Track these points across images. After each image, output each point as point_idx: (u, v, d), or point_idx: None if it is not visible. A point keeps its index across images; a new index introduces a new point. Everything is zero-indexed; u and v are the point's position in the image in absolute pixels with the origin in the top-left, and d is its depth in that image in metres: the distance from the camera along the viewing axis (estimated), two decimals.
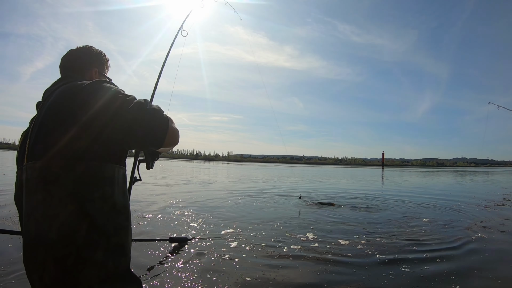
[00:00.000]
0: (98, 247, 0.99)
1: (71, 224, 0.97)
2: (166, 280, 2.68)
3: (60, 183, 0.99)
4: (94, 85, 1.12)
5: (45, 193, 0.99)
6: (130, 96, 1.11)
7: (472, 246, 3.90)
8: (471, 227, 5.00)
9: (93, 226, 0.99)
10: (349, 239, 4.13)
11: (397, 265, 3.16)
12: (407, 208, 7.11)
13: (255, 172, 23.49)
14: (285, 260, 3.28)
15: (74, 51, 1.38)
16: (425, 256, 3.45)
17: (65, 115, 1.05)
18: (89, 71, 1.36)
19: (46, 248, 0.97)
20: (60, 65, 1.36)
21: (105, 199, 1.03)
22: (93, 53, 1.41)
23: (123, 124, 1.03)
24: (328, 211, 6.45)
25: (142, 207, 6.10)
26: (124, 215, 1.10)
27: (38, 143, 1.06)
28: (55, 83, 1.26)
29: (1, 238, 3.45)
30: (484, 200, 8.72)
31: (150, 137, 1.06)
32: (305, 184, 14.05)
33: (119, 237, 1.06)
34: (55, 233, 0.96)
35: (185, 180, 14.18)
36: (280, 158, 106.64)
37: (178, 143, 1.19)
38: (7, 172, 13.06)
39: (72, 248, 0.96)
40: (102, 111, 1.04)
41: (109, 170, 1.06)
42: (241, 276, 2.80)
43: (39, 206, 0.99)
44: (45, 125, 1.07)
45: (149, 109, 1.06)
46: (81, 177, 1.00)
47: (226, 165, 46.00)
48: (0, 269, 2.74)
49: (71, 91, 1.10)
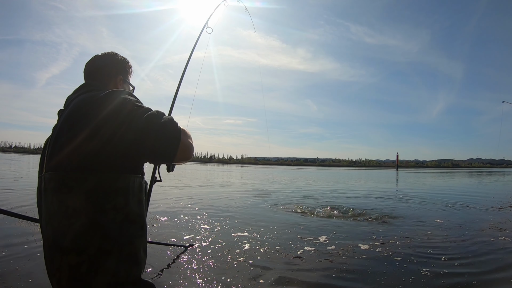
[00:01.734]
0: (110, 256, 1.01)
1: (84, 234, 1.00)
2: (180, 281, 2.70)
3: (73, 195, 1.01)
4: (110, 96, 1.12)
5: (60, 204, 1.02)
6: (144, 108, 1.10)
7: (491, 248, 3.77)
8: (489, 229, 4.84)
9: (105, 236, 1.01)
10: (365, 242, 4.06)
11: (417, 269, 3.08)
12: (427, 210, 6.94)
13: (276, 175, 23.37)
14: (300, 262, 3.25)
15: (100, 58, 1.39)
16: (443, 259, 3.36)
17: (79, 127, 1.06)
18: (114, 79, 1.37)
19: (61, 255, 1.01)
20: (84, 71, 1.36)
21: (117, 210, 1.04)
22: (119, 61, 1.42)
23: (135, 138, 1.04)
24: (346, 213, 6.37)
25: (158, 209, 6.18)
26: (138, 225, 1.09)
27: (54, 154, 1.09)
28: (77, 91, 1.27)
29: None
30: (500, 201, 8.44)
31: (161, 152, 1.06)
32: (329, 187, 13.91)
33: (132, 246, 1.07)
34: (70, 242, 1.00)
35: (202, 182, 14.26)
36: (294, 161, 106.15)
37: (190, 158, 1.15)
38: (24, 176, 13.41)
39: (85, 256, 0.99)
40: (116, 123, 1.04)
41: (123, 181, 1.06)
42: (254, 278, 2.79)
43: (55, 215, 1.03)
44: (61, 136, 1.10)
45: (160, 123, 1.05)
46: (93, 189, 1.01)
47: (240, 167, 46.14)
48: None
49: (87, 102, 1.12)
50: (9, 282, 2.56)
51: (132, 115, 1.06)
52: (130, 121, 1.04)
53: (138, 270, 1.09)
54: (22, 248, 3.40)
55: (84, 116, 1.08)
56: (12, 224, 4.34)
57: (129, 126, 1.04)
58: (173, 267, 3.04)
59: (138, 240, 1.09)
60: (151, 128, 1.03)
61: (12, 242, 3.59)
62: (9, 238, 3.74)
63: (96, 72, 1.34)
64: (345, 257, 3.41)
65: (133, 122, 1.04)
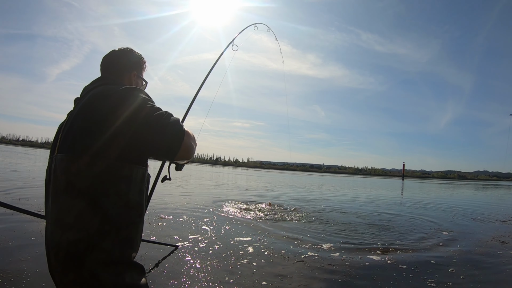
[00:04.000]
0: (107, 237, 1.09)
1: (87, 213, 1.08)
2: (184, 280, 2.72)
3: (81, 177, 1.10)
4: (126, 92, 1.20)
5: (67, 183, 1.11)
6: (155, 107, 1.19)
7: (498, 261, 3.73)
8: (492, 241, 4.78)
9: (105, 218, 1.09)
10: (368, 250, 4.05)
11: (423, 278, 3.06)
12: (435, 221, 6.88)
13: (289, 180, 23.31)
14: (303, 267, 3.25)
15: (116, 53, 1.46)
16: (451, 270, 3.33)
17: (94, 116, 1.15)
18: (129, 74, 1.44)
19: (62, 230, 1.09)
20: (101, 64, 1.44)
21: (119, 196, 1.11)
22: (134, 56, 1.48)
23: (142, 134, 1.12)
24: (350, 219, 6.34)
25: (162, 209, 6.23)
26: (137, 212, 1.17)
27: (68, 138, 1.17)
28: (94, 82, 1.35)
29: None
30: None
31: (164, 149, 1.15)
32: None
33: (128, 230, 1.14)
34: (72, 219, 1.08)
35: (209, 183, 14.31)
36: (300, 166, 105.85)
37: (190, 158, 1.26)
38: (33, 169, 13.65)
39: (84, 234, 1.07)
40: (127, 117, 1.12)
41: (127, 170, 1.13)
42: (257, 280, 2.80)
43: (62, 193, 1.12)
44: (76, 122, 1.18)
45: (167, 123, 1.14)
46: (100, 173, 1.09)
47: (246, 170, 46.18)
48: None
49: (104, 95, 1.20)
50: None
51: (143, 112, 1.14)
52: (141, 118, 1.13)
53: (132, 253, 1.16)
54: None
55: (99, 108, 1.16)
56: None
57: (139, 122, 1.12)
58: (176, 266, 3.06)
59: (135, 225, 1.17)
60: (158, 126, 1.12)
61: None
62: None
63: (112, 67, 1.42)
64: (347, 263, 3.41)
65: (143, 119, 1.13)
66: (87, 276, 1.06)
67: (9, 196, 6.09)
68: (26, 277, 2.53)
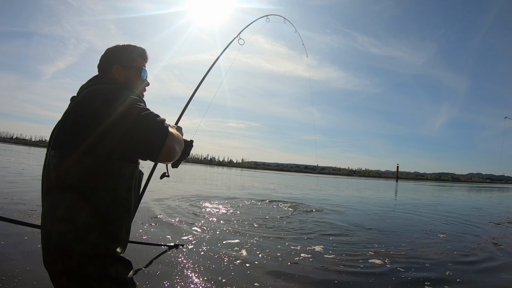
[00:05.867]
0: (94, 231, 1.13)
1: (75, 207, 1.12)
2: (177, 280, 2.72)
3: (70, 172, 1.14)
4: (112, 92, 1.23)
5: (58, 178, 1.16)
6: (141, 107, 1.19)
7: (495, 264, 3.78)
8: (486, 243, 4.84)
9: (93, 212, 1.13)
10: (361, 253, 4.07)
11: (420, 280, 3.09)
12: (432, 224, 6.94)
13: (291, 181, 23.34)
14: (296, 268, 3.26)
15: (106, 50, 1.46)
16: (447, 274, 3.37)
17: (83, 115, 1.18)
18: (111, 69, 1.41)
19: (52, 222, 1.15)
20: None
21: (107, 191, 1.15)
22: (114, 51, 1.44)
23: (126, 134, 1.14)
24: (342, 218, 6.37)
25: (155, 209, 6.20)
26: (124, 208, 1.20)
27: (59, 136, 1.22)
28: (90, 81, 1.37)
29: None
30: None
31: (145, 151, 1.16)
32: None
33: (115, 225, 1.18)
34: (62, 212, 1.13)
35: (203, 182, 14.27)
36: (294, 167, 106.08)
37: (172, 161, 1.29)
38: (26, 167, 13.49)
39: (72, 226, 1.11)
40: (114, 118, 1.15)
41: (116, 167, 1.17)
42: (250, 281, 2.81)
43: (53, 188, 1.17)
44: (68, 121, 1.22)
45: (150, 125, 1.15)
46: (88, 170, 1.14)
47: (240, 171, 46.13)
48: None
49: (92, 95, 1.23)
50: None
51: (128, 113, 1.16)
52: (127, 118, 1.15)
53: (117, 247, 1.19)
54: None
55: (88, 107, 1.19)
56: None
57: (125, 122, 1.15)
58: (169, 267, 3.06)
59: (122, 221, 1.20)
60: (141, 128, 1.14)
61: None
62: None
63: (100, 64, 1.45)
64: (341, 266, 3.42)
65: (128, 120, 1.15)
66: (74, 267, 1.10)
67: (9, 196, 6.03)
68: (18, 276, 2.52)
